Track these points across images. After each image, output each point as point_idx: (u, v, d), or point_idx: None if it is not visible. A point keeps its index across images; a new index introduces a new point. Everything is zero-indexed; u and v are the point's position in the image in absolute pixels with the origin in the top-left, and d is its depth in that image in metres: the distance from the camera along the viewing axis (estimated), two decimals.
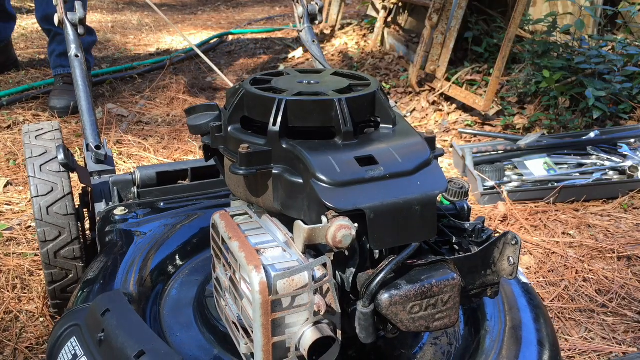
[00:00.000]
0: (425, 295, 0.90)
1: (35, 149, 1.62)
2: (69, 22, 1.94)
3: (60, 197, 1.56)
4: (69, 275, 1.59)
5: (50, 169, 1.58)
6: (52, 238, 1.54)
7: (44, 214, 1.54)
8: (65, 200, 1.56)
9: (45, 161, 1.60)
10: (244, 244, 0.91)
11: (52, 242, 1.54)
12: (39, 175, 1.57)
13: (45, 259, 1.55)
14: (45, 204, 1.54)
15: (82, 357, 0.99)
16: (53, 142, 1.65)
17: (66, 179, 1.58)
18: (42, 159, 1.60)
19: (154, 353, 0.92)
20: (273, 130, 0.97)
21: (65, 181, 1.58)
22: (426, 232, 0.93)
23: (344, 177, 0.90)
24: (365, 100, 1.03)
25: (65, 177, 1.58)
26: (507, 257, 1.00)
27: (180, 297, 1.24)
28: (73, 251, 1.56)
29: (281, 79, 1.12)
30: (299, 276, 0.86)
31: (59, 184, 1.57)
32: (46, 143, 1.65)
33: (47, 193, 1.55)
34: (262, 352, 0.86)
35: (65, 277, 1.59)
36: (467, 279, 0.98)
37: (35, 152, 1.61)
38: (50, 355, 1.06)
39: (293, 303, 0.87)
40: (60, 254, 1.56)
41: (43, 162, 1.59)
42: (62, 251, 1.56)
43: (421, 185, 0.93)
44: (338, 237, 0.86)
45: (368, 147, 0.97)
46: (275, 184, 0.99)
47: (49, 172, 1.58)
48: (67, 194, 1.57)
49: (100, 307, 1.03)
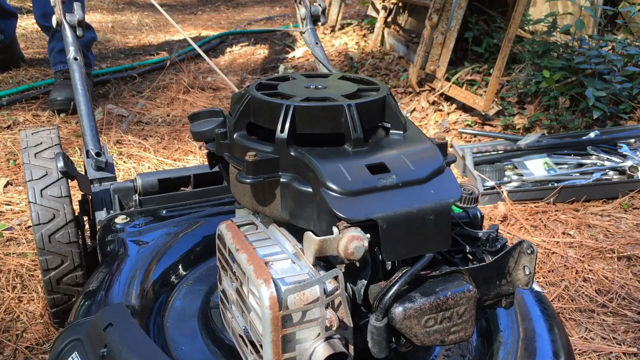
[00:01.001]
0: (440, 308, 0.87)
1: (36, 170, 1.55)
2: (67, 23, 1.91)
3: (62, 225, 1.49)
4: (71, 299, 1.55)
5: (52, 194, 1.51)
6: (55, 266, 1.50)
7: (46, 242, 1.48)
8: (67, 227, 1.50)
9: (46, 185, 1.52)
10: (252, 256, 0.88)
11: (55, 270, 1.50)
12: (39, 201, 1.50)
13: (48, 286, 1.51)
14: (47, 233, 1.48)
15: None
16: (53, 162, 1.57)
17: (68, 205, 1.52)
18: (42, 183, 1.52)
19: None
20: (281, 137, 0.94)
21: (67, 207, 1.52)
22: (440, 242, 0.90)
23: (355, 186, 0.88)
24: (375, 106, 1.00)
25: (67, 202, 1.52)
26: (523, 267, 0.97)
27: (184, 308, 1.21)
28: (76, 278, 1.52)
29: (287, 83, 1.10)
30: (310, 290, 0.83)
31: (60, 210, 1.50)
32: (46, 163, 1.57)
33: (49, 221, 1.49)
34: None
35: (67, 301, 1.56)
36: (482, 289, 0.95)
37: (36, 174, 1.54)
38: None
39: (304, 318, 0.84)
40: (63, 281, 1.52)
41: (44, 187, 1.52)
42: (64, 278, 1.52)
43: (435, 193, 0.90)
44: (350, 249, 0.83)
45: (379, 154, 0.95)
46: (283, 193, 0.96)
47: (50, 197, 1.51)
48: (70, 222, 1.51)
49: (103, 321, 1.00)
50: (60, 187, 1.53)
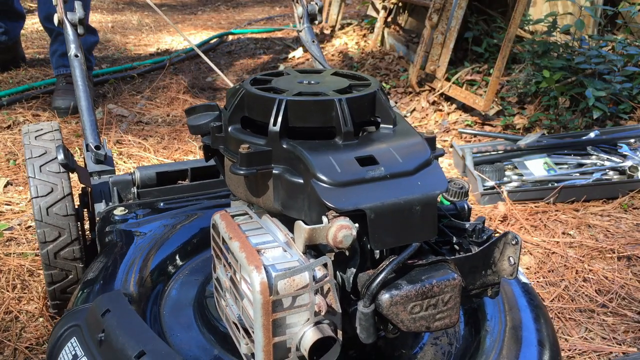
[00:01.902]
0: (425, 295, 0.90)
1: (35, 149, 1.62)
2: (68, 22, 1.93)
3: (60, 198, 1.55)
4: (68, 276, 1.58)
5: (50, 170, 1.58)
6: (52, 239, 1.54)
7: (44, 214, 1.53)
8: (65, 201, 1.55)
9: (45, 162, 1.59)
10: (245, 244, 0.91)
11: (52, 243, 1.54)
12: (38, 175, 1.56)
13: (45, 260, 1.55)
14: (45, 205, 1.53)
15: (83, 357, 0.99)
16: (53, 142, 1.64)
17: (66, 180, 1.58)
18: (41, 160, 1.59)
19: (154, 353, 0.92)
20: (273, 130, 0.97)
21: (65, 182, 1.57)
22: (427, 233, 0.93)
23: (344, 177, 0.90)
24: (366, 100, 1.02)
25: (65, 177, 1.58)
26: (508, 257, 1.00)
27: (180, 297, 1.24)
28: (73, 252, 1.56)
29: (281, 79, 1.12)
30: (300, 276, 0.85)
31: (58, 184, 1.56)
32: (46, 143, 1.64)
33: (47, 194, 1.55)
34: (262, 352, 0.86)
35: (65, 278, 1.59)
36: (468, 279, 0.98)
37: (35, 152, 1.61)
38: (51, 355, 1.06)
39: (294, 303, 0.87)
40: (60, 255, 1.55)
41: (43, 163, 1.58)
42: (62, 252, 1.55)
43: (422, 185, 0.93)
44: (339, 237, 0.86)
45: (368, 147, 0.97)
46: (276, 184, 0.99)
47: (48, 172, 1.57)
48: (67, 195, 1.56)
49: (101, 308, 1.03)
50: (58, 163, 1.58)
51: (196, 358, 1.07)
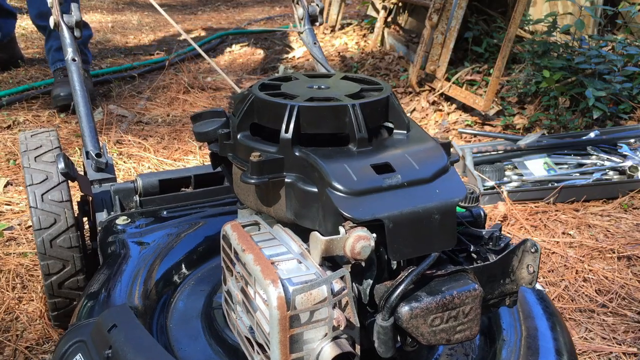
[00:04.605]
0: (446, 307, 0.87)
1: (36, 174, 1.53)
2: (65, 24, 1.91)
3: (64, 230, 1.49)
4: (72, 303, 1.55)
5: (53, 199, 1.50)
6: (56, 271, 1.49)
7: (47, 247, 1.47)
8: (69, 232, 1.49)
9: (47, 190, 1.50)
10: (259, 256, 0.87)
11: (56, 275, 1.49)
12: (40, 205, 1.49)
13: (49, 290, 1.51)
14: (49, 237, 1.47)
15: None
16: (54, 165, 1.55)
17: (69, 210, 1.51)
18: (43, 187, 1.51)
19: None
20: (285, 137, 0.94)
21: (69, 212, 1.50)
22: (446, 242, 0.90)
23: (361, 186, 0.88)
24: (379, 105, 1.00)
25: (68, 207, 1.51)
26: (527, 265, 0.97)
27: (187, 308, 1.21)
28: (77, 282, 1.52)
29: (290, 83, 1.09)
30: (318, 290, 0.83)
31: (62, 215, 1.49)
32: (47, 167, 1.55)
33: (50, 225, 1.48)
34: None
35: (68, 305, 1.55)
36: (486, 288, 0.95)
37: (36, 178, 1.52)
38: None
39: (311, 318, 0.84)
40: (64, 285, 1.51)
41: (44, 191, 1.50)
42: (66, 282, 1.51)
43: (440, 193, 0.90)
44: (357, 249, 0.83)
45: (383, 154, 0.95)
46: (288, 193, 0.96)
47: (51, 202, 1.49)
48: (71, 226, 1.50)
49: (107, 323, 1.00)
50: (61, 191, 1.52)
51: None
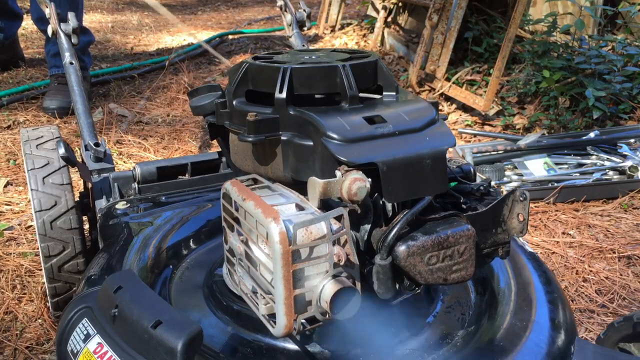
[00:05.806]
0: (441, 245, 0.91)
1: (37, 159, 1.56)
2: (62, 32, 1.94)
3: (64, 211, 1.51)
4: (72, 288, 1.55)
5: (54, 182, 1.52)
6: (56, 253, 1.50)
7: (48, 228, 1.49)
8: (69, 214, 1.51)
9: (48, 173, 1.53)
10: (259, 201, 0.90)
11: (56, 257, 1.51)
12: (41, 188, 1.51)
13: (49, 274, 1.52)
14: (49, 219, 1.49)
15: (95, 335, 0.97)
16: (55, 152, 1.58)
17: (69, 192, 1.53)
18: (44, 171, 1.53)
19: (171, 322, 0.89)
20: (280, 97, 0.98)
21: (69, 194, 1.53)
22: (438, 186, 0.94)
23: (354, 134, 0.92)
24: (369, 67, 1.04)
25: (68, 190, 1.53)
26: (517, 215, 1.00)
27: (189, 280, 1.24)
28: (77, 265, 1.53)
29: (282, 55, 1.14)
30: (317, 227, 0.85)
31: (62, 197, 1.52)
32: (48, 153, 1.58)
33: (51, 207, 1.50)
34: (284, 305, 0.85)
35: (68, 290, 1.56)
36: (479, 237, 0.98)
37: (37, 163, 1.55)
38: (61, 339, 1.03)
39: (312, 254, 0.86)
40: (64, 268, 1.52)
41: (45, 175, 1.53)
42: (66, 265, 1.52)
43: (430, 140, 0.94)
44: (353, 190, 0.87)
45: (375, 110, 0.99)
46: (285, 151, 1.00)
47: (52, 184, 1.52)
48: (71, 208, 1.52)
49: (112, 286, 1.00)
50: (62, 174, 1.55)
51: (209, 335, 1.06)
